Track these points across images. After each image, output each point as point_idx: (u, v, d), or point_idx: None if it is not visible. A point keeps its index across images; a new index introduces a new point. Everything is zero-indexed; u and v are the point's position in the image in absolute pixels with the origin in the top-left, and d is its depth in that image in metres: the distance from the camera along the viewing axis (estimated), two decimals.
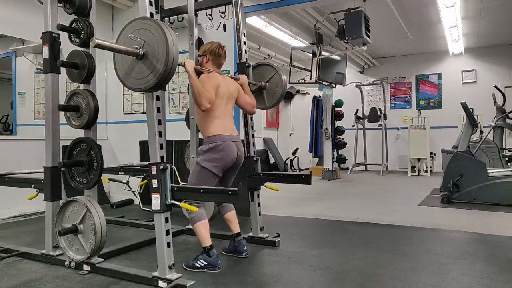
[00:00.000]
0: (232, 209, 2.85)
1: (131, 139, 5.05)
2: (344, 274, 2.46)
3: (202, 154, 2.60)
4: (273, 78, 3.22)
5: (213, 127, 2.60)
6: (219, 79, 2.65)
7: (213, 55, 2.73)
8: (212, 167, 2.57)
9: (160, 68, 2.02)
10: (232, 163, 2.66)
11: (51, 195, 2.65)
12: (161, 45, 2.01)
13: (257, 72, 3.28)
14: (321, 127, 8.11)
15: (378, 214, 4.33)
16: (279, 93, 3.20)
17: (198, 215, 2.53)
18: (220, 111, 2.64)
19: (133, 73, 2.12)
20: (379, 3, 5.69)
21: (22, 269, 2.58)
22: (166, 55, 2.00)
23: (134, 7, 5.46)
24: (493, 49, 8.62)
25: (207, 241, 2.53)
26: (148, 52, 2.06)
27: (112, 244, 2.92)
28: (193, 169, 2.69)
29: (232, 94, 2.75)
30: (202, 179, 2.56)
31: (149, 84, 2.07)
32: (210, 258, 2.49)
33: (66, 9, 2.66)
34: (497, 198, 4.59)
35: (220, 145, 2.58)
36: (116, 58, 2.19)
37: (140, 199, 4.66)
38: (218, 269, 2.50)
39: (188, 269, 2.50)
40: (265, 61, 3.40)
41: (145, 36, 2.07)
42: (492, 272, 2.46)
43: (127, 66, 2.14)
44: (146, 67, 2.07)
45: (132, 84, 2.14)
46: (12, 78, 6.18)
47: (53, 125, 2.69)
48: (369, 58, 9.25)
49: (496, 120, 5.79)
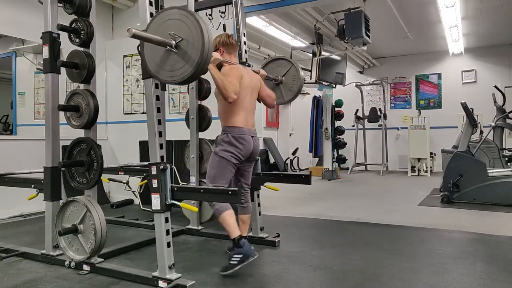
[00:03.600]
0: (249, 212, 2.84)
1: (131, 139, 5.05)
2: (344, 274, 2.46)
3: (221, 144, 2.57)
4: (290, 72, 3.16)
5: (235, 118, 2.57)
6: (241, 70, 2.63)
7: (225, 46, 2.69)
8: (230, 157, 2.55)
9: (196, 57, 1.96)
10: (248, 156, 2.64)
11: (51, 195, 2.65)
12: (195, 33, 1.95)
13: (272, 67, 3.23)
14: (321, 127, 8.11)
15: (378, 214, 4.33)
16: (297, 87, 3.14)
17: (223, 205, 2.48)
18: (244, 102, 2.60)
19: (166, 65, 2.06)
20: (379, 3, 5.70)
21: (22, 269, 2.58)
22: (201, 43, 1.93)
23: (134, 7, 5.47)
24: (493, 49, 8.63)
25: (236, 231, 2.47)
26: (182, 42, 2.00)
27: (112, 244, 2.92)
28: (210, 161, 2.63)
29: (255, 86, 2.72)
30: (221, 170, 2.54)
31: (185, 75, 2.01)
32: (242, 249, 2.42)
33: (66, 9, 2.66)
34: (497, 198, 4.59)
35: (240, 137, 2.56)
36: (146, 53, 2.12)
37: (140, 199, 4.66)
38: (254, 255, 2.47)
39: (227, 272, 2.38)
40: (280, 55, 3.34)
41: (176, 26, 2.01)
42: (492, 272, 2.46)
43: (159, 59, 2.08)
44: (181, 58, 2.01)
45: (166, 77, 2.08)
46: (12, 78, 6.18)
47: (53, 125, 2.69)
48: (369, 58, 9.25)
49: (496, 120, 5.79)
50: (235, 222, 2.50)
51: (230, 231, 2.47)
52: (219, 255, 2.88)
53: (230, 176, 2.60)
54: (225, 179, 2.57)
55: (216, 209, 2.50)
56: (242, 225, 2.78)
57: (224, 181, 2.57)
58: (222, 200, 2.60)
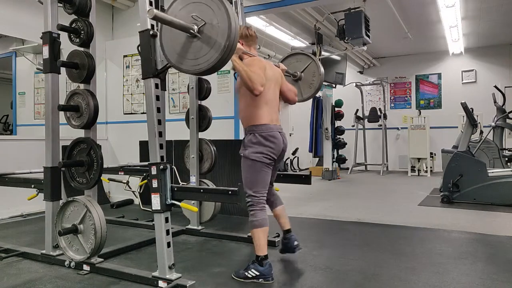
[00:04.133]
0: (281, 203, 2.69)
1: (131, 139, 5.05)
2: (344, 274, 2.46)
3: (250, 146, 2.40)
4: (309, 68, 3.02)
5: (260, 115, 2.41)
6: (264, 61, 2.50)
7: (245, 38, 2.56)
8: (263, 158, 2.38)
9: (222, 41, 1.82)
10: (280, 153, 2.49)
11: (51, 195, 2.65)
12: (219, 15, 1.83)
13: (290, 62, 3.10)
14: (321, 127, 8.11)
15: (378, 214, 4.33)
16: (317, 83, 3.00)
17: (261, 220, 2.34)
18: (269, 95, 2.45)
19: (189, 53, 1.93)
20: (379, 3, 5.69)
21: (22, 269, 2.57)
22: (228, 26, 1.80)
23: (134, 7, 5.47)
24: (493, 49, 8.62)
25: (264, 250, 2.34)
26: (205, 26, 1.87)
27: (112, 244, 2.92)
28: (242, 165, 2.44)
29: (277, 79, 2.58)
30: (257, 173, 2.38)
31: (211, 62, 1.87)
32: (262, 268, 2.31)
33: (66, 9, 2.66)
34: (497, 198, 4.59)
35: (269, 135, 2.40)
36: (164, 43, 2.02)
37: (140, 199, 4.66)
38: (271, 279, 2.31)
39: (238, 279, 2.34)
40: (299, 50, 3.18)
41: (198, 9, 1.89)
42: (492, 272, 2.46)
43: (180, 47, 1.95)
44: (205, 44, 1.88)
45: (190, 66, 1.95)
46: (12, 78, 6.18)
47: (53, 125, 2.69)
48: (369, 58, 9.25)
49: (496, 120, 5.80)
50: (266, 241, 2.37)
51: (258, 248, 2.35)
52: (219, 255, 2.88)
53: (268, 178, 2.43)
54: (263, 182, 2.41)
55: (252, 221, 2.36)
56: (279, 219, 2.67)
57: (262, 184, 2.41)
58: (222, 200, 2.60)
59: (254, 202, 2.37)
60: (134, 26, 4.86)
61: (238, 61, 2.30)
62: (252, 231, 2.37)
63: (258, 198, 2.39)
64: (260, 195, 2.40)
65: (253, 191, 2.38)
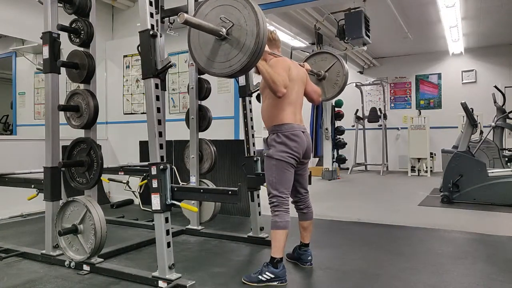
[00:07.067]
0: (310, 218, 2.64)
1: (131, 139, 5.06)
2: (344, 274, 2.46)
3: (274, 146, 2.37)
4: (334, 67, 2.98)
5: (284, 114, 2.38)
6: (289, 61, 2.48)
7: (268, 41, 2.50)
8: (288, 158, 2.34)
9: (250, 44, 1.84)
10: (303, 153, 2.44)
11: (51, 195, 2.65)
12: (248, 18, 1.85)
13: (315, 61, 3.07)
14: (321, 127, 8.10)
15: (378, 214, 4.33)
16: (341, 83, 2.96)
17: (285, 222, 2.31)
18: (293, 96, 2.42)
19: (218, 56, 1.96)
20: (379, 3, 5.70)
21: (22, 269, 2.57)
22: (256, 28, 1.82)
23: (134, 7, 5.47)
24: (493, 49, 8.62)
25: (280, 253, 2.30)
26: (234, 28, 1.90)
27: (112, 244, 2.92)
28: (266, 165, 2.41)
29: (302, 79, 2.55)
30: (281, 173, 2.34)
31: (240, 65, 1.89)
32: (277, 270, 2.27)
33: (66, 9, 2.66)
34: (497, 198, 4.59)
35: (292, 134, 2.36)
36: (193, 47, 2.03)
37: (140, 199, 4.66)
38: (285, 281, 2.28)
39: (251, 284, 2.26)
40: (324, 49, 3.18)
41: (226, 12, 1.92)
42: (492, 272, 2.46)
43: (209, 51, 1.98)
44: (233, 47, 1.90)
45: (218, 70, 1.97)
46: (12, 78, 6.19)
47: (53, 125, 2.69)
48: (369, 58, 9.25)
49: (496, 120, 5.80)
50: (285, 243, 2.33)
51: (276, 249, 2.30)
52: (219, 255, 2.88)
53: (291, 178, 2.40)
54: (288, 182, 2.38)
55: (276, 222, 2.32)
56: (303, 232, 2.62)
57: (287, 185, 2.37)
58: (222, 200, 2.59)
59: (280, 202, 2.34)
60: (134, 26, 4.86)
61: (262, 62, 2.26)
62: (274, 232, 2.33)
63: (284, 199, 2.36)
64: (286, 196, 2.37)
65: (279, 191, 2.35)
